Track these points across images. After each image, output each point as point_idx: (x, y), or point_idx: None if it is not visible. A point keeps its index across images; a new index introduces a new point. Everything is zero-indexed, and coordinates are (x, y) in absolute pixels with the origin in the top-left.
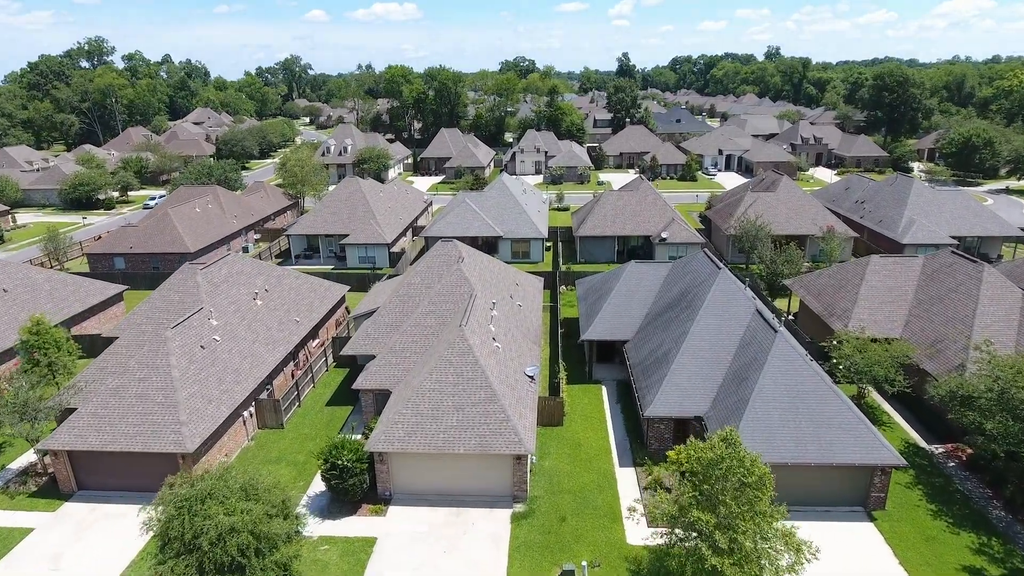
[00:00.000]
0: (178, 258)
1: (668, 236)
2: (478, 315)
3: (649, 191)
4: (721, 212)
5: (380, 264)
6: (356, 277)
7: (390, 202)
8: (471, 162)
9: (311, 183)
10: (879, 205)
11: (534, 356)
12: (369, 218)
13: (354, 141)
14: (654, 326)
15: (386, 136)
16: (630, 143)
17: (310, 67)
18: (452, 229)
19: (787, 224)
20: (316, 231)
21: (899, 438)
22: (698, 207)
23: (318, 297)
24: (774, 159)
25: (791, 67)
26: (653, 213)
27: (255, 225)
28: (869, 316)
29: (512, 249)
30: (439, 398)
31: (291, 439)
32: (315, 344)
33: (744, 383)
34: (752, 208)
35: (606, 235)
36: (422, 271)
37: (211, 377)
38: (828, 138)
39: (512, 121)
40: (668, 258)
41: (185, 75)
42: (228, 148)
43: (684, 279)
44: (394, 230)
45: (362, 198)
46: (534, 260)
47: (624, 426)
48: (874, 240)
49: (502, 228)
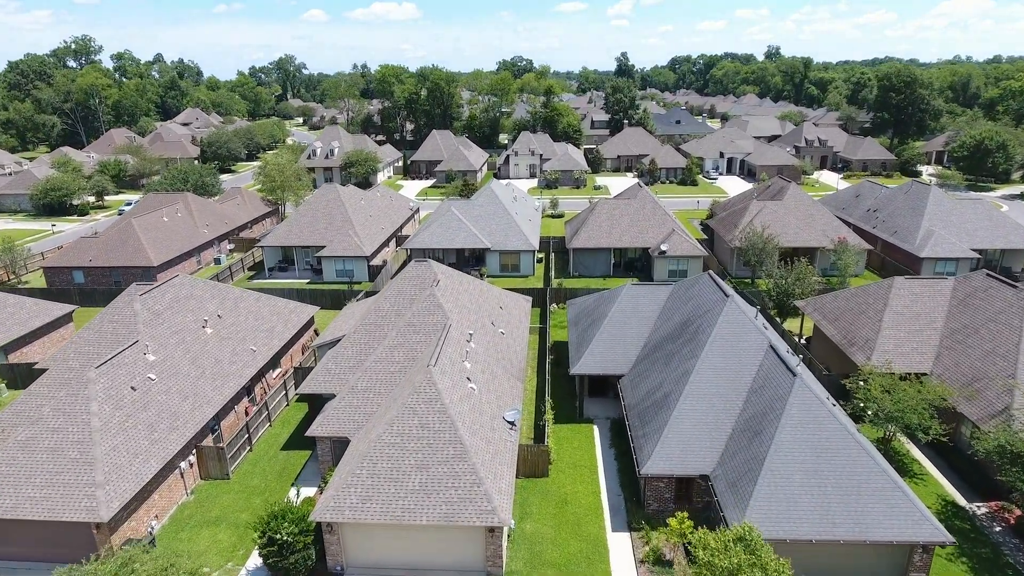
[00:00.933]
0: (141, 272)
1: (668, 249)
2: (451, 350)
3: (647, 199)
4: (725, 221)
5: (359, 278)
6: (331, 294)
7: (372, 210)
8: (462, 165)
9: (292, 188)
10: (893, 214)
11: (516, 395)
12: (347, 228)
13: (341, 144)
14: (653, 360)
15: (377, 138)
16: (628, 145)
17: (304, 66)
18: (436, 240)
19: (796, 235)
20: (290, 242)
21: (933, 494)
22: (699, 214)
23: (281, 320)
24: (777, 162)
25: (792, 67)
26: (652, 223)
27: (230, 234)
28: (895, 347)
29: (501, 262)
30: (400, 455)
31: (236, 492)
32: (276, 374)
33: (758, 437)
34: (758, 218)
35: (601, 247)
36: (392, 296)
37: (141, 425)
38: (833, 140)
39: (507, 122)
40: (668, 272)
41: (177, 75)
42: (212, 150)
43: (687, 305)
44: (374, 241)
45: (340, 206)
46: (524, 273)
47: (618, 477)
48: (888, 252)
49: (490, 239)
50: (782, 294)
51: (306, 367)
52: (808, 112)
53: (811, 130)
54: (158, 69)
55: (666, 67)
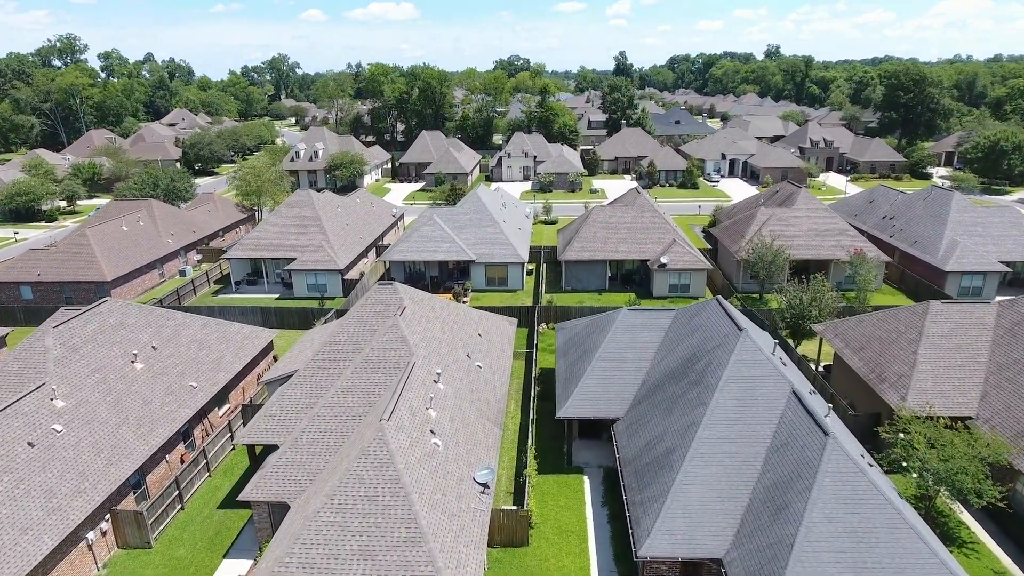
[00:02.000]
0: (94, 288)
1: (668, 261)
2: (413, 395)
3: (646, 207)
4: (729, 230)
5: (332, 293)
6: (298, 312)
7: (349, 218)
8: (452, 168)
9: (270, 193)
10: (912, 222)
11: (492, 445)
12: (320, 239)
13: (326, 145)
14: (652, 403)
15: (367, 139)
16: (626, 146)
17: (298, 66)
18: (417, 251)
19: (808, 246)
20: (258, 254)
21: (988, 568)
22: (701, 220)
23: (232, 349)
24: (782, 164)
25: (793, 66)
26: (651, 233)
27: (198, 244)
28: (933, 386)
29: (487, 275)
30: (340, 537)
31: (158, 567)
32: (223, 412)
33: (783, 513)
34: (767, 227)
35: (596, 259)
36: (351, 325)
37: (36, 490)
38: (839, 141)
39: (501, 122)
40: (668, 287)
41: (168, 74)
42: (194, 152)
43: (692, 337)
44: (350, 252)
45: (313, 215)
46: (512, 288)
47: (611, 547)
48: (908, 264)
49: (475, 251)
50: (797, 316)
51: (256, 404)
52: (810, 112)
53: (816, 130)
54: (148, 69)
55: (665, 66)
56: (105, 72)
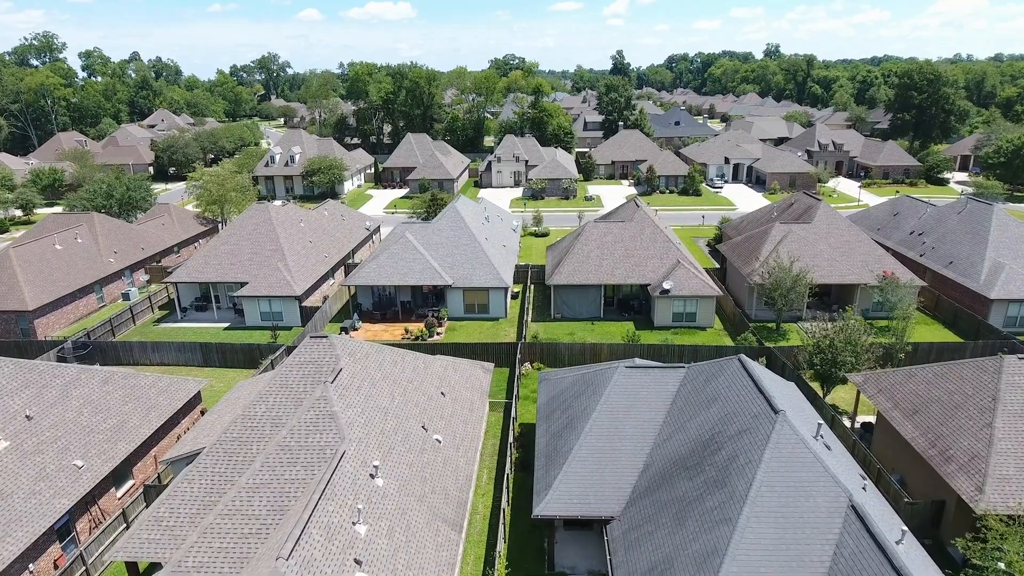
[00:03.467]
0: (13, 317)
1: (672, 287)
2: (336, 505)
3: (646, 222)
4: (740, 248)
5: (289, 322)
6: (243, 349)
7: (314, 233)
8: (438, 173)
9: (235, 203)
10: (946, 240)
11: (448, 562)
12: (276, 259)
13: (304, 149)
14: (659, 503)
15: (352, 142)
16: (623, 150)
17: (288, 65)
18: (385, 275)
19: (831, 268)
20: (205, 277)
21: None
22: (706, 232)
23: (140, 410)
24: (790, 169)
25: (794, 65)
26: (651, 252)
27: (148, 261)
28: (1016, 470)
29: (466, 301)
30: None
31: None
32: (123, 493)
33: None
34: (783, 246)
35: (589, 284)
36: (272, 394)
37: None
38: (849, 144)
39: (493, 124)
40: (672, 316)
41: (154, 74)
42: (167, 156)
43: (709, 410)
44: (311, 274)
45: (270, 231)
46: (494, 315)
47: None
48: (942, 288)
49: (452, 273)
50: (827, 362)
51: (162, 485)
52: (814, 112)
53: (824, 133)
54: (134, 68)
55: (663, 66)
56: (87, 71)
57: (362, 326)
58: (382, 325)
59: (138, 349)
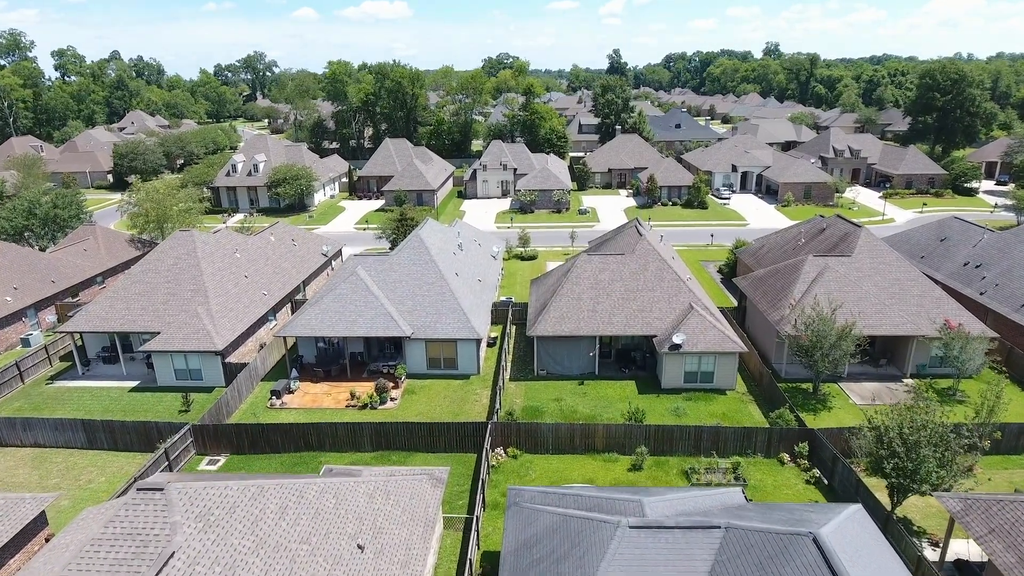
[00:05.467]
0: None
1: (684, 341)
2: None
3: (650, 256)
4: (763, 285)
5: (210, 381)
6: (137, 431)
7: (253, 265)
8: (416, 183)
9: (178, 223)
10: (1012, 275)
11: None
12: (197, 302)
13: (269, 157)
14: None
15: (331, 146)
16: (621, 156)
17: (275, 64)
18: (328, 323)
19: (880, 316)
20: (110, 325)
21: None
22: (715, 254)
23: None
24: (804, 179)
25: (797, 64)
26: (658, 293)
27: (59, 297)
28: None
29: (429, 355)
30: None
31: None
32: None
33: None
34: (819, 285)
35: (580, 335)
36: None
37: None
38: (867, 150)
39: (481, 127)
40: (684, 375)
41: (135, 73)
42: (126, 163)
43: None
44: (240, 320)
45: (193, 266)
46: (464, 372)
47: None
48: (1010, 334)
49: (413, 320)
50: (903, 471)
51: None
52: (820, 114)
53: (840, 138)
54: (114, 67)
55: (660, 65)
56: (59, 72)
57: (300, 387)
58: (325, 386)
59: (4, 428)
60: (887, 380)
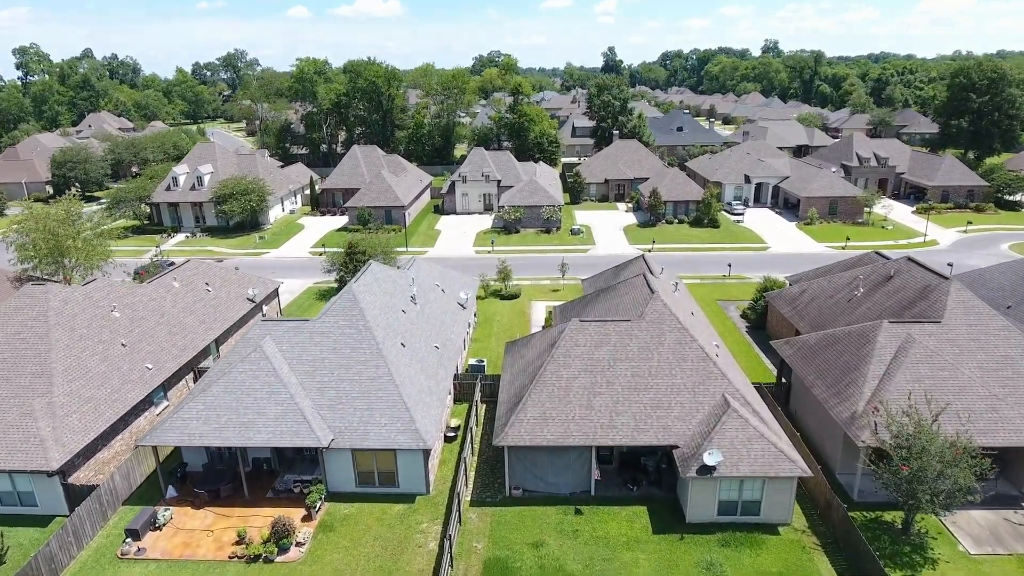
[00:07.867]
0: None
1: (720, 462)
2: None
3: (666, 320)
4: (818, 359)
5: (47, 508)
6: None
7: (137, 327)
8: (384, 199)
9: (81, 256)
10: None
11: None
12: (33, 397)
13: (216, 168)
14: None
15: (301, 152)
16: (619, 165)
17: (257, 63)
18: (213, 425)
19: (990, 415)
20: None
21: None
22: (737, 291)
23: None
24: (829, 193)
25: (800, 62)
26: (678, 379)
27: None
28: None
29: (358, 468)
30: None
31: None
32: None
33: None
34: (903, 368)
35: (571, 444)
36: None
37: None
38: (895, 158)
39: (465, 131)
40: (718, 506)
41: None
42: (62, 173)
43: None
44: (100, 416)
45: (40, 338)
46: (408, 491)
47: None
48: None
49: (335, 420)
50: None
51: None
52: (827, 114)
53: (864, 144)
54: (86, 66)
55: (656, 63)
56: (21, 71)
57: (173, 517)
58: (210, 514)
59: None
60: (1003, 505)
